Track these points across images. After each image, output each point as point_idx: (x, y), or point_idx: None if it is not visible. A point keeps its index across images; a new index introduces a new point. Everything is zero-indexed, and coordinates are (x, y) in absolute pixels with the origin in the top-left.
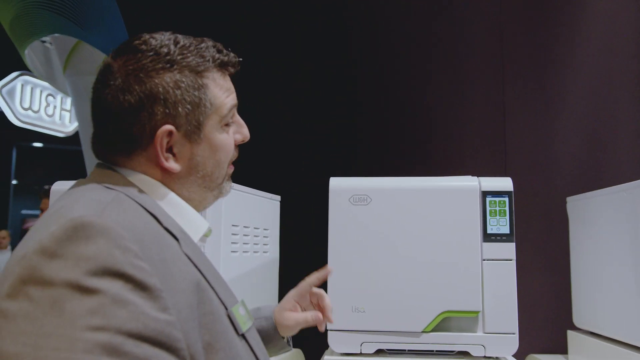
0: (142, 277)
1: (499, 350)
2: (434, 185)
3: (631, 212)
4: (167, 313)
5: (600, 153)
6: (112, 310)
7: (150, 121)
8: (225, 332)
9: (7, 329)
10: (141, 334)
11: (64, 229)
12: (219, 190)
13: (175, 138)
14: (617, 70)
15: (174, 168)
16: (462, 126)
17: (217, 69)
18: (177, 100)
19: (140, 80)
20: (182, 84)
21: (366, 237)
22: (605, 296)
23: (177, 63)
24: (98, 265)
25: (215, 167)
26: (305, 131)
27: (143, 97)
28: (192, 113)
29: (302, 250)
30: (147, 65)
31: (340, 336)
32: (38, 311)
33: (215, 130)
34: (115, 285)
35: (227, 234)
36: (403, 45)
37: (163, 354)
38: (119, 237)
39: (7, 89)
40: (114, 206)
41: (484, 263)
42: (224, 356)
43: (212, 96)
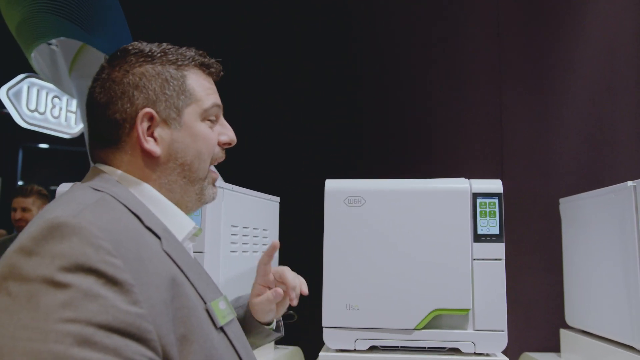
0: (114, 272)
1: (489, 347)
2: (426, 187)
3: (619, 214)
4: (138, 306)
5: (598, 155)
6: (83, 303)
7: (131, 106)
8: (200, 326)
9: None
10: (111, 325)
11: (40, 229)
12: (200, 188)
13: (156, 122)
14: (615, 72)
15: (154, 151)
16: (459, 128)
17: (197, 67)
18: (156, 86)
19: (124, 71)
20: (161, 73)
21: (360, 237)
22: (596, 295)
23: (158, 58)
24: (71, 262)
25: (195, 157)
26: (305, 133)
27: (125, 85)
28: (171, 99)
29: (301, 250)
30: (130, 59)
31: (335, 333)
32: (16, 305)
33: (194, 120)
34: (87, 281)
35: (226, 234)
36: (401, 48)
37: (132, 344)
38: (91, 236)
39: (13, 91)
40: (94, 207)
41: (474, 262)
42: (197, 347)
43: (191, 87)
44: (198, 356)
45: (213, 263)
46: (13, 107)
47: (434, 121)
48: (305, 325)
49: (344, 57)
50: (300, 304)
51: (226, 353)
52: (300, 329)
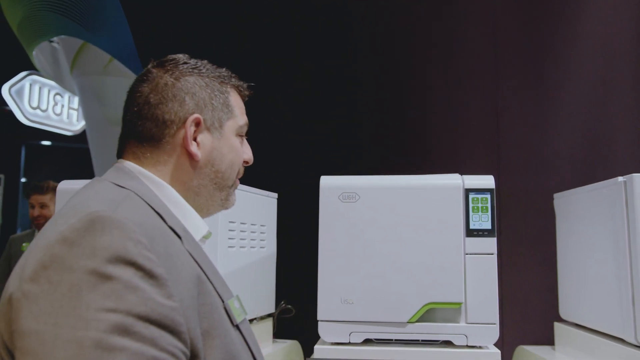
0: (151, 266)
1: (481, 339)
2: (419, 183)
3: (610, 209)
4: (172, 300)
5: (594, 150)
6: (123, 294)
7: (181, 110)
8: (221, 322)
9: (29, 309)
10: (149, 316)
11: (83, 222)
12: (226, 194)
13: (201, 129)
14: (610, 68)
15: (196, 154)
16: (456, 124)
17: (234, 88)
18: (205, 96)
19: (175, 77)
20: (210, 85)
21: (355, 232)
22: (589, 289)
23: (204, 72)
24: (112, 254)
25: (228, 166)
26: (303, 130)
27: (178, 89)
28: (216, 111)
29: (299, 246)
30: (181, 67)
31: (330, 326)
32: (57, 293)
33: (231, 133)
34: (127, 273)
35: (224, 230)
36: (398, 46)
37: (167, 336)
38: (130, 230)
39: (15, 89)
40: (126, 204)
41: (467, 257)
42: (220, 343)
43: (232, 104)
44: (219, 351)
45: (211, 258)
46: (15, 105)
47: (431, 117)
48: (303, 319)
49: (342, 56)
50: (298, 298)
51: (242, 349)
52: (298, 323)
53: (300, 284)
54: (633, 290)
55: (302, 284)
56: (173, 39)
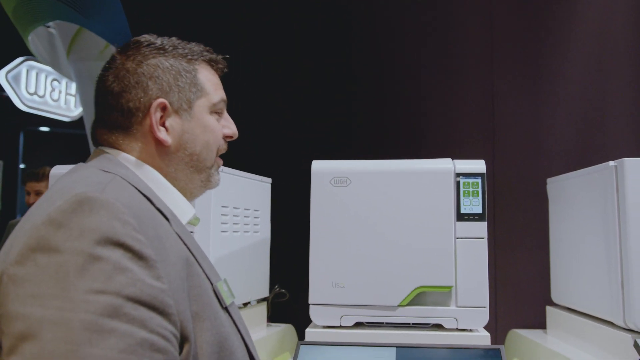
0: (140, 247)
1: (471, 322)
2: (410, 168)
3: (601, 193)
4: (161, 281)
5: (589, 136)
6: (112, 275)
7: (145, 96)
8: (210, 304)
9: (15, 292)
10: (138, 298)
11: (69, 203)
12: (206, 175)
13: (168, 113)
14: (607, 53)
15: (165, 140)
16: (451, 109)
17: (206, 62)
18: (170, 78)
19: (137, 62)
20: (174, 66)
21: (346, 217)
22: (579, 273)
23: (170, 51)
24: (100, 235)
25: (203, 147)
26: (297, 115)
27: (140, 75)
28: (183, 92)
29: (293, 230)
30: (143, 51)
31: (322, 310)
32: (44, 275)
33: (204, 112)
34: (116, 254)
35: (216, 214)
36: (393, 32)
37: (157, 317)
38: (118, 211)
39: (12, 74)
40: (113, 186)
41: (457, 241)
42: (209, 325)
43: (202, 81)
44: (209, 333)
45: (203, 243)
46: (12, 91)
47: (426, 102)
48: (297, 303)
49: (336, 40)
50: (291, 283)
51: (231, 331)
52: (292, 307)
53: (294, 268)
54: (622, 274)
55: (295, 268)
56: (168, 25)
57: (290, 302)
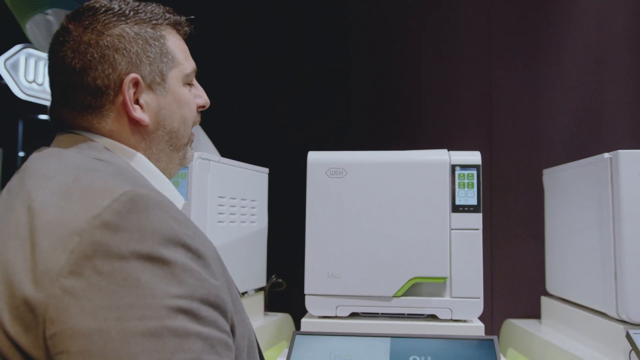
0: (197, 246)
1: (465, 313)
2: (406, 159)
3: (596, 185)
4: (216, 279)
5: (587, 127)
6: (184, 278)
7: (114, 71)
8: (238, 299)
9: (79, 307)
10: (207, 299)
11: (122, 202)
12: (183, 153)
13: (141, 89)
14: (605, 45)
15: (143, 119)
16: (449, 100)
17: (171, 27)
18: (138, 49)
19: (98, 33)
20: (140, 34)
21: (342, 208)
22: (574, 264)
23: (131, 17)
24: (163, 236)
25: (181, 123)
26: (294, 105)
27: (103, 47)
28: (155, 63)
29: (290, 220)
30: (102, 19)
31: (317, 300)
32: (113, 284)
33: (178, 84)
34: (180, 255)
35: (213, 204)
36: (391, 22)
37: (221, 317)
38: (170, 209)
39: (10, 62)
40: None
41: (452, 232)
42: (240, 318)
43: (172, 50)
44: (241, 325)
45: None
46: (11, 78)
47: (424, 93)
48: (294, 293)
49: (332, 31)
50: (288, 272)
51: (249, 323)
52: (289, 296)
53: (291, 258)
54: (615, 266)
55: (292, 257)
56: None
57: (287, 291)
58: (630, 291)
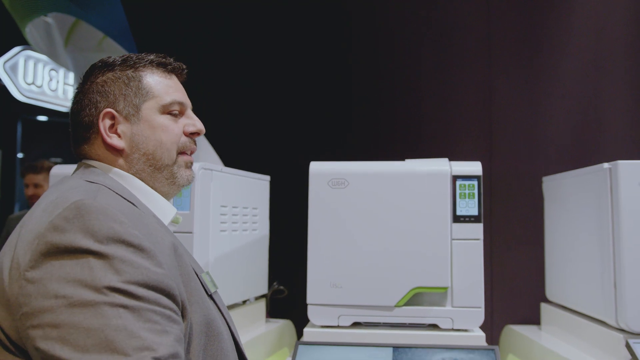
0: (139, 241)
1: (466, 323)
2: (407, 170)
3: (596, 194)
4: (162, 268)
5: (586, 135)
6: (121, 267)
7: (96, 110)
8: (198, 290)
9: (37, 291)
10: (147, 283)
11: (69, 210)
12: (169, 173)
13: (118, 120)
14: (604, 54)
15: (116, 144)
16: (448, 109)
17: (156, 67)
18: (115, 89)
19: (89, 82)
20: (120, 77)
21: (344, 218)
22: (573, 272)
23: (118, 65)
24: (103, 236)
25: (156, 146)
26: (295, 114)
27: (90, 93)
28: (129, 98)
29: (291, 227)
30: (95, 72)
31: (319, 310)
32: (62, 273)
33: (153, 114)
34: (120, 249)
35: (215, 214)
36: (390, 30)
37: (164, 298)
38: (113, 213)
39: (9, 64)
40: (102, 194)
41: (453, 242)
42: (197, 308)
43: (148, 85)
44: (198, 314)
45: (202, 243)
46: (10, 81)
47: (424, 102)
48: (296, 299)
49: (335, 41)
50: (290, 280)
51: (217, 317)
52: (290, 303)
53: (293, 265)
54: (615, 275)
55: (294, 265)
56: (165, 16)
57: (288, 298)
58: (630, 301)
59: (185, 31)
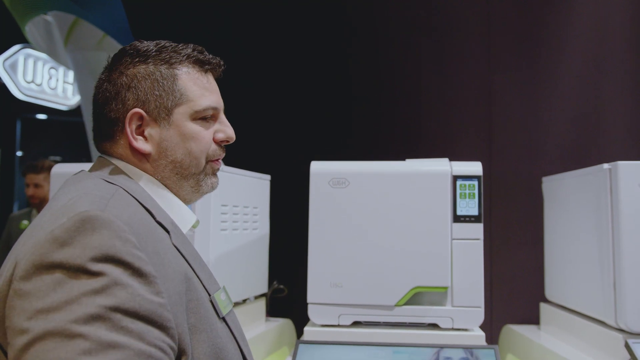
0: (140, 264)
1: (466, 322)
2: (408, 170)
3: (595, 195)
4: (160, 296)
5: (585, 135)
6: (113, 291)
7: (123, 107)
8: (207, 316)
9: (21, 307)
10: (137, 312)
11: (73, 221)
12: (195, 181)
13: (146, 122)
14: (604, 54)
15: (142, 148)
16: (448, 108)
17: (193, 65)
18: (146, 87)
19: (119, 72)
20: (153, 74)
21: (345, 218)
22: (573, 272)
23: (152, 57)
24: (101, 253)
25: (185, 155)
26: (296, 113)
27: (119, 86)
28: (160, 99)
29: (291, 226)
30: (126, 60)
31: (320, 309)
32: (49, 290)
33: (185, 120)
34: (116, 271)
35: (216, 213)
36: (390, 30)
37: (155, 331)
38: (119, 229)
39: (9, 62)
40: (115, 201)
41: (454, 242)
42: (205, 337)
43: (183, 87)
44: (205, 344)
45: (203, 242)
46: (9, 79)
47: (424, 102)
48: (295, 299)
49: (335, 39)
50: (290, 279)
51: (228, 341)
52: (290, 302)
53: (293, 264)
54: (614, 275)
55: (294, 264)
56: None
57: (288, 297)
58: (629, 301)
59: (185, 30)
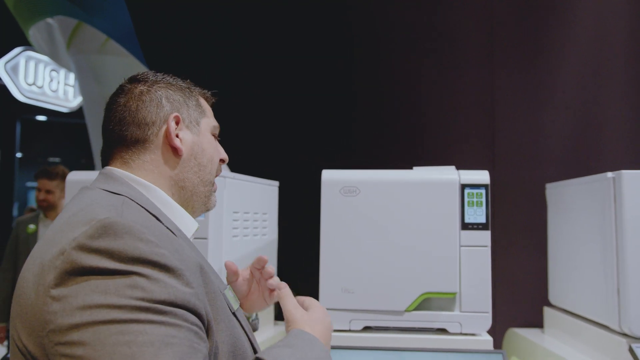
0: (165, 261)
1: (474, 327)
2: (417, 178)
3: (599, 202)
4: (190, 287)
5: (588, 142)
6: (147, 285)
7: (161, 111)
8: (223, 308)
9: (62, 308)
10: (173, 302)
11: (95, 228)
12: (208, 191)
13: (181, 126)
14: (606, 61)
15: (180, 148)
16: (453, 117)
17: (201, 96)
18: (178, 98)
19: (149, 85)
20: (181, 89)
21: (355, 225)
22: (577, 277)
23: (171, 84)
24: (129, 256)
25: (209, 161)
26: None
27: (153, 94)
28: (191, 110)
29: (300, 232)
30: (152, 79)
31: (331, 314)
32: (87, 290)
33: (207, 131)
34: (146, 270)
35: (228, 220)
36: (395, 40)
37: (192, 316)
38: (139, 232)
39: (10, 65)
40: (127, 208)
41: (462, 249)
42: (224, 326)
43: (204, 104)
44: (225, 333)
45: (216, 249)
46: (11, 81)
47: (428, 110)
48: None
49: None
50: (300, 284)
51: (241, 334)
52: None
53: (301, 269)
54: (618, 281)
55: (303, 269)
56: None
57: None
58: (633, 306)
59: (191, 35)
